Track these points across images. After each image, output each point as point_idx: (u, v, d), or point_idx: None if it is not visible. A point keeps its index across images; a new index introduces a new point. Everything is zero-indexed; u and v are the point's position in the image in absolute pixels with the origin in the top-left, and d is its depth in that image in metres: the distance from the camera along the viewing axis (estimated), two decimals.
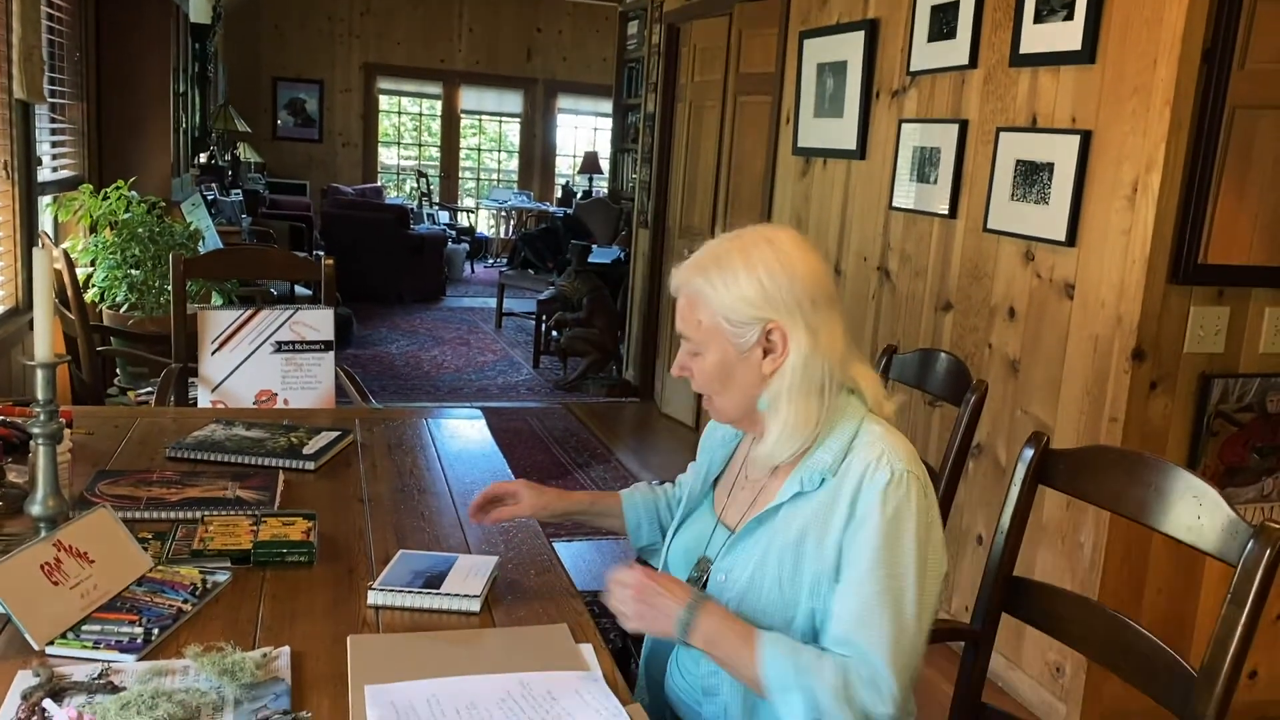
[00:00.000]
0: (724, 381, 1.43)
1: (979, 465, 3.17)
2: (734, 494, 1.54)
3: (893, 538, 1.33)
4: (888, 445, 1.37)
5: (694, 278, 1.42)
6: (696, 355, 1.44)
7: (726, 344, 1.41)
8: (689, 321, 1.43)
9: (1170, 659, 1.37)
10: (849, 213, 3.96)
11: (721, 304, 1.39)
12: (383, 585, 1.52)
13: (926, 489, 1.37)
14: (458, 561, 1.62)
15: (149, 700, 1.17)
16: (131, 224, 3.81)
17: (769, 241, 1.41)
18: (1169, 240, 2.56)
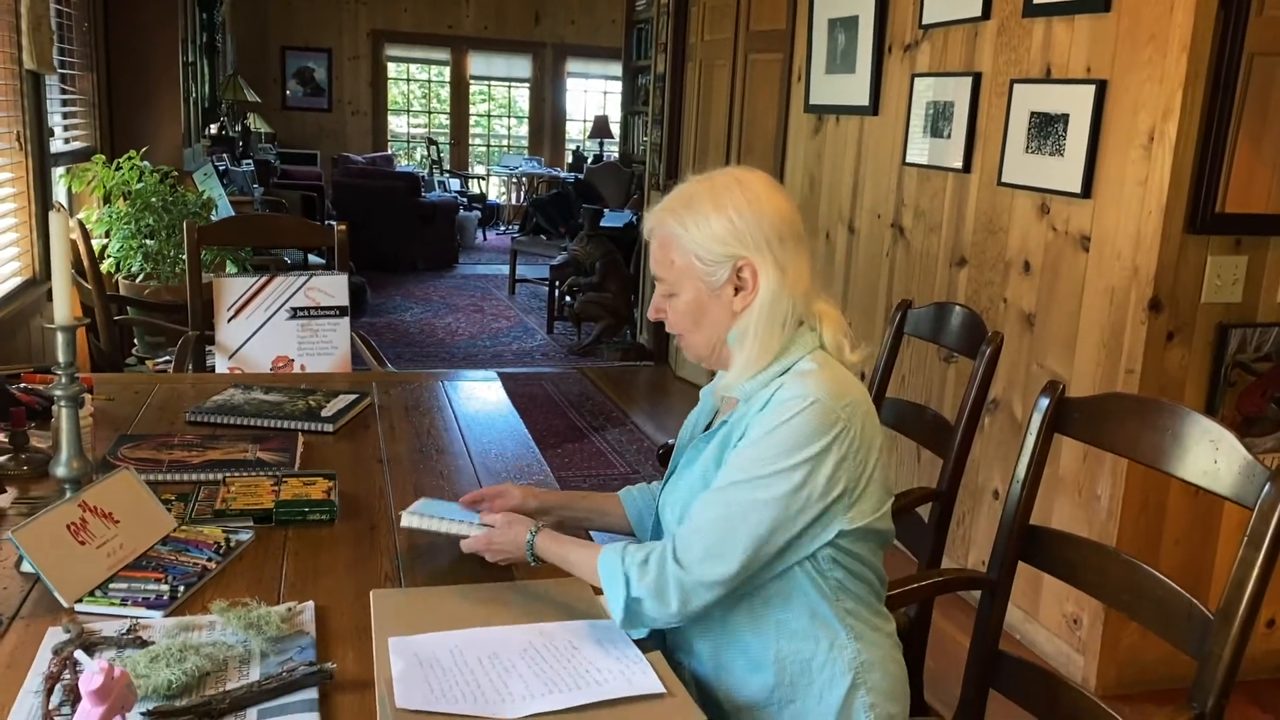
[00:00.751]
0: (696, 320, 1.45)
1: (995, 420, 3.17)
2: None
3: (764, 445, 1.34)
4: (814, 375, 1.37)
5: (666, 219, 1.45)
6: (671, 296, 1.46)
7: (699, 283, 1.43)
8: (662, 263, 1.46)
9: (1186, 602, 1.38)
10: (862, 170, 3.93)
11: (693, 243, 1.41)
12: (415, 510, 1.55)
13: (843, 426, 1.33)
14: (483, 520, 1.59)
15: (177, 653, 1.19)
16: (145, 194, 3.82)
17: (738, 182, 1.44)
18: (1186, 189, 2.54)
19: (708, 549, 1.32)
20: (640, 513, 1.69)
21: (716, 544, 1.32)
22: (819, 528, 1.36)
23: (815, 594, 1.39)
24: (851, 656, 1.40)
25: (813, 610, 1.39)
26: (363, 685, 1.20)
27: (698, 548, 1.33)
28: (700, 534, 1.34)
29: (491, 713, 1.14)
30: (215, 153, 7.35)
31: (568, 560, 1.45)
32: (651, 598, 1.33)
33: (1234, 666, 1.29)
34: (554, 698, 1.18)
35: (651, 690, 1.20)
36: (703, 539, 1.33)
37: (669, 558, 1.34)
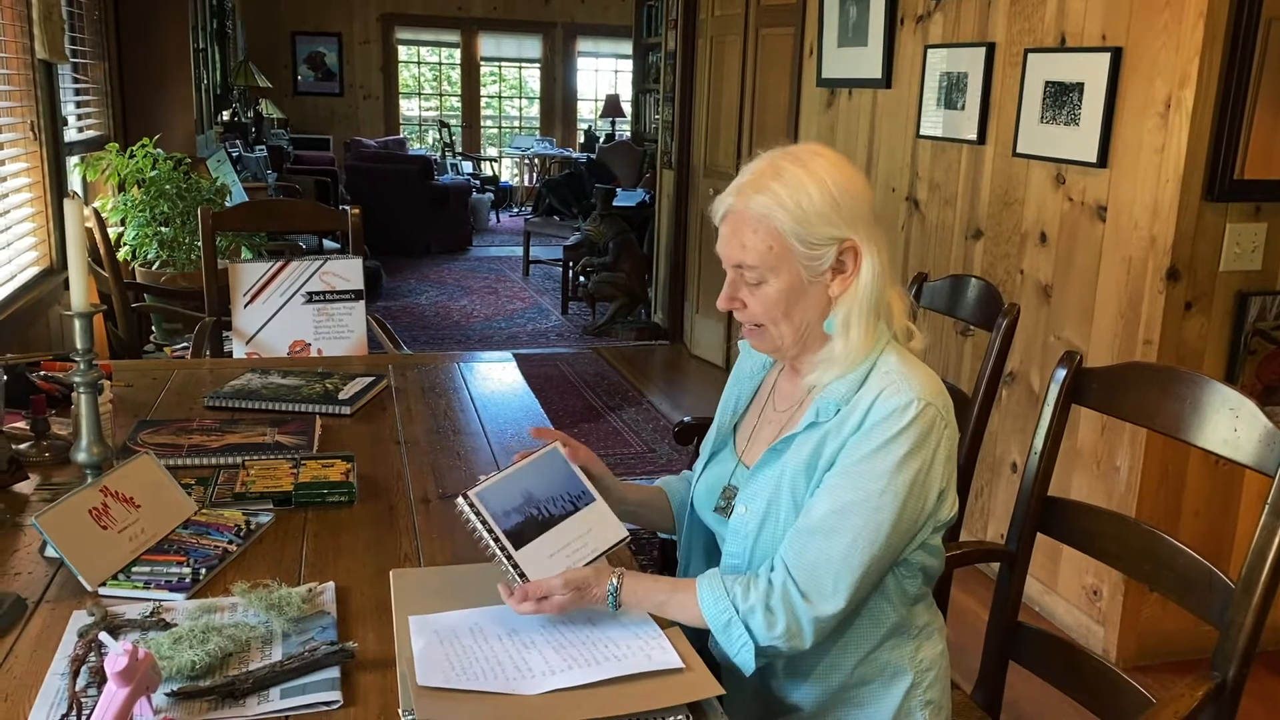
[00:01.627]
0: (788, 310, 1.33)
1: (1012, 393, 3.15)
2: (757, 432, 1.49)
3: (881, 460, 1.26)
4: (905, 374, 1.31)
5: (755, 197, 1.30)
6: (759, 285, 1.32)
7: (798, 269, 1.30)
8: (751, 249, 1.30)
9: (1207, 570, 1.37)
10: (876, 143, 3.90)
11: (795, 224, 1.28)
12: (479, 498, 1.31)
13: (944, 424, 1.30)
14: (584, 511, 1.37)
15: (200, 635, 1.20)
16: (159, 181, 3.83)
17: (819, 154, 1.32)
18: (1204, 157, 2.51)
19: (837, 579, 1.26)
20: (683, 505, 1.59)
21: (844, 571, 1.26)
22: (925, 531, 1.33)
23: (897, 596, 1.37)
24: (912, 654, 1.38)
25: (889, 612, 1.37)
26: (384, 664, 1.21)
27: (826, 581, 1.26)
28: (829, 566, 1.26)
29: (511, 689, 1.15)
30: (228, 139, 7.36)
31: (665, 608, 1.31)
32: (785, 640, 1.26)
33: (1255, 635, 1.29)
34: (573, 673, 1.18)
35: (671, 665, 1.21)
36: (831, 570, 1.26)
37: (795, 595, 1.26)
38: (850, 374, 1.33)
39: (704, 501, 1.51)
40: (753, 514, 1.38)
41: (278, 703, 1.12)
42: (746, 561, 1.38)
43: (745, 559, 1.39)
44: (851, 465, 1.28)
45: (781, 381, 1.49)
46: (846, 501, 1.27)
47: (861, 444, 1.28)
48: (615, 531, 1.38)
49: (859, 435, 1.28)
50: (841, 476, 1.29)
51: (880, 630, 1.36)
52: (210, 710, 1.11)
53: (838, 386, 1.33)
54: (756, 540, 1.37)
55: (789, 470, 1.35)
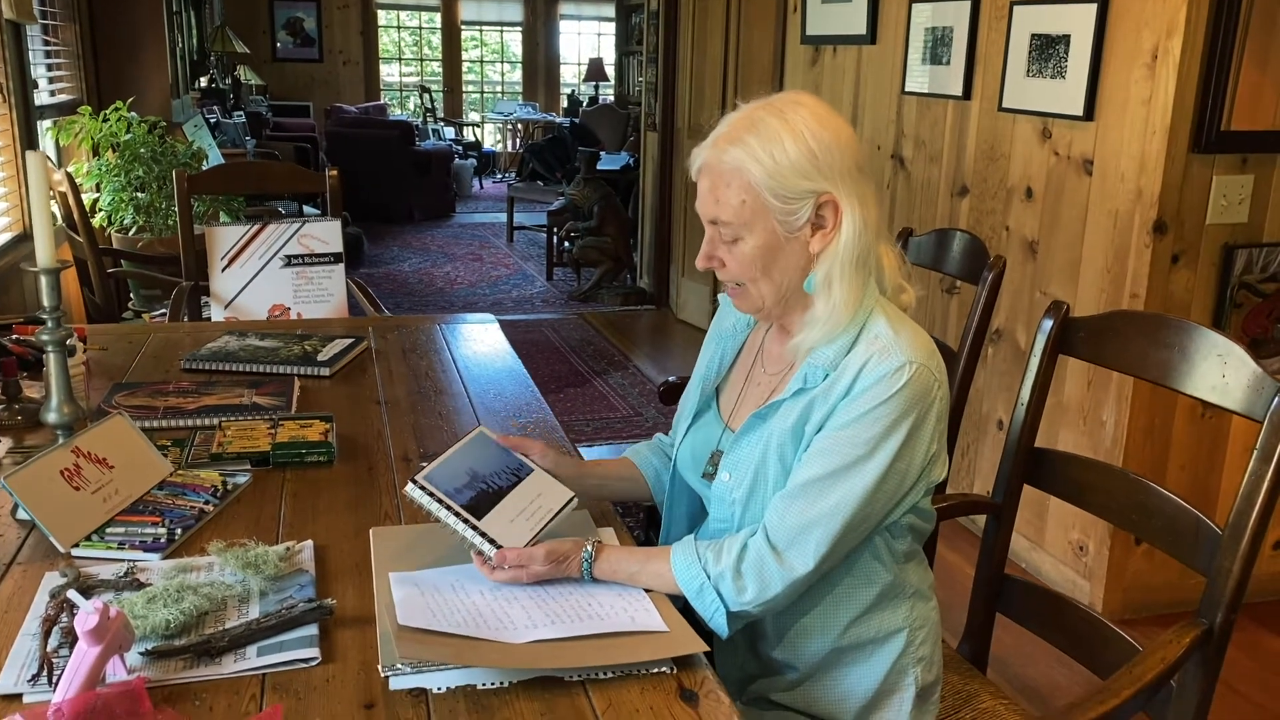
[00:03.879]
0: (766, 267, 1.28)
1: (998, 350, 3.14)
2: (744, 394, 1.44)
3: (869, 425, 1.23)
4: (895, 336, 1.26)
5: (729, 150, 1.25)
6: (735, 242, 1.28)
7: (773, 224, 1.26)
8: (725, 204, 1.26)
9: (1195, 518, 1.36)
10: (861, 100, 3.86)
11: (769, 178, 1.23)
12: (427, 481, 1.30)
13: (937, 384, 1.27)
14: (528, 480, 1.39)
15: (175, 594, 1.18)
16: (133, 145, 3.76)
17: (799, 104, 1.27)
18: (1190, 108, 2.48)
19: (818, 542, 1.23)
20: (658, 472, 1.55)
21: (825, 535, 1.23)
22: (915, 493, 1.31)
23: (887, 557, 1.35)
24: (906, 614, 1.37)
25: (880, 573, 1.35)
26: (363, 621, 1.19)
27: (807, 543, 1.23)
28: (810, 528, 1.24)
29: (494, 637, 1.13)
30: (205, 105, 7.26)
31: (637, 578, 1.29)
32: (756, 605, 1.25)
33: (1243, 581, 1.28)
34: (555, 627, 1.17)
35: (654, 628, 1.19)
36: (812, 533, 1.23)
37: (769, 558, 1.24)
38: (839, 338, 1.29)
39: (689, 465, 1.47)
40: (738, 481, 1.35)
41: (255, 660, 1.10)
42: (735, 527, 1.36)
43: (734, 524, 1.36)
44: (839, 430, 1.25)
45: (770, 342, 1.44)
46: (833, 467, 1.24)
47: (850, 409, 1.25)
48: (563, 493, 1.40)
49: (848, 400, 1.25)
50: (829, 441, 1.26)
51: (873, 590, 1.34)
52: (186, 669, 1.09)
53: (825, 351, 1.29)
54: (746, 507, 1.33)
55: (775, 436, 1.32)
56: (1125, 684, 1.22)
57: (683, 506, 1.52)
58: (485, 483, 1.35)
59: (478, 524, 1.27)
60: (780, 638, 1.36)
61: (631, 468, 1.56)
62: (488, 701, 1.06)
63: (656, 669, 1.11)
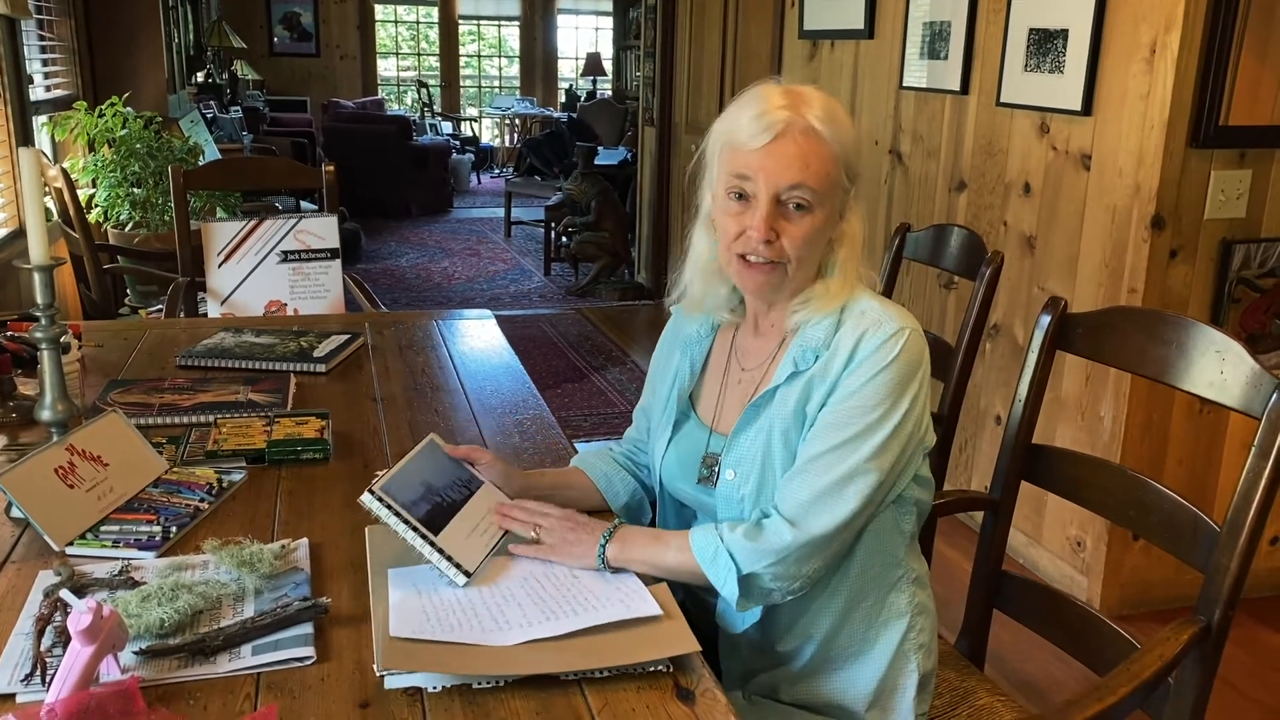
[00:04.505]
0: (816, 246, 1.28)
1: (996, 345, 3.14)
2: (724, 397, 1.42)
3: (877, 390, 1.25)
4: (882, 309, 1.30)
5: (814, 114, 1.23)
6: (804, 212, 1.25)
7: (834, 204, 1.26)
8: (815, 170, 1.23)
9: (1193, 515, 1.36)
10: (859, 96, 3.85)
11: (847, 155, 1.24)
12: (384, 492, 1.26)
13: (926, 350, 1.30)
14: (478, 494, 1.37)
15: (169, 592, 1.17)
16: (129, 140, 3.75)
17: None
18: (1189, 103, 2.48)
19: (831, 505, 1.24)
20: (609, 478, 1.52)
21: (839, 499, 1.24)
22: (915, 460, 1.32)
23: (895, 537, 1.35)
24: (909, 599, 1.37)
25: (888, 554, 1.35)
26: (358, 619, 1.19)
27: (818, 509, 1.24)
28: (821, 498, 1.24)
29: (485, 640, 1.13)
30: (202, 100, 7.24)
31: (653, 563, 1.28)
32: (770, 565, 1.24)
33: (1241, 578, 1.28)
34: (550, 625, 1.16)
35: (649, 613, 1.19)
36: (824, 500, 1.24)
37: (784, 525, 1.24)
38: (824, 318, 1.31)
39: (679, 475, 1.44)
40: (745, 476, 1.34)
41: (249, 659, 1.10)
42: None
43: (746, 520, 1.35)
44: (845, 400, 1.26)
45: (744, 339, 1.43)
46: (842, 438, 1.25)
47: (854, 378, 1.26)
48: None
49: (850, 370, 1.27)
50: (835, 414, 1.27)
51: (880, 573, 1.34)
52: (180, 668, 1.09)
53: (814, 333, 1.31)
54: (757, 500, 1.32)
55: (776, 423, 1.31)
56: (1122, 681, 1.21)
57: (675, 521, 1.50)
58: (439, 495, 1.33)
59: (435, 540, 1.26)
60: (790, 624, 1.35)
61: (580, 476, 1.53)
62: (483, 701, 1.05)
63: (653, 668, 1.11)
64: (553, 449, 1.73)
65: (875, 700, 1.36)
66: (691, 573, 1.28)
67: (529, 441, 1.76)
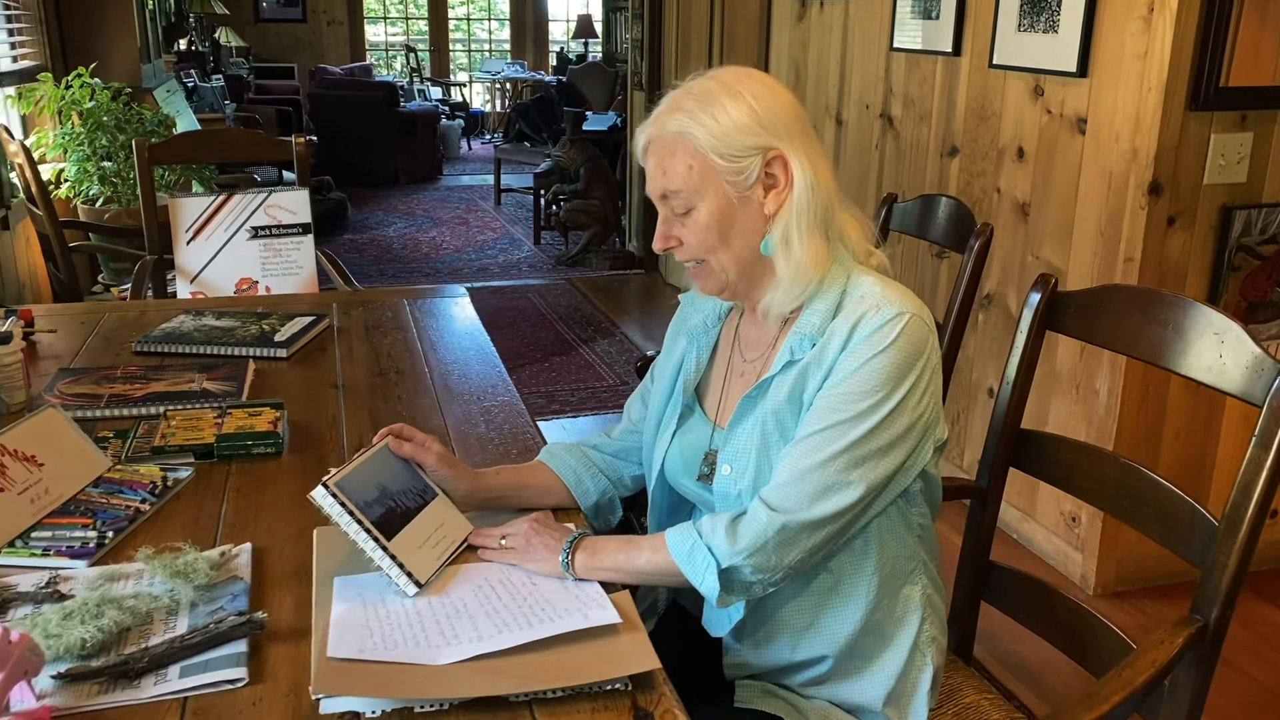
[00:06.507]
0: (724, 234, 1.24)
1: (989, 316, 3.05)
2: (727, 389, 1.37)
3: (872, 375, 1.18)
4: (883, 293, 1.23)
5: (670, 119, 1.24)
6: (688, 213, 1.25)
7: (723, 187, 1.23)
8: (673, 173, 1.24)
9: (1189, 508, 1.28)
10: (849, 57, 3.74)
11: (713, 139, 1.21)
12: (340, 489, 1.19)
13: (932, 336, 1.23)
14: (433, 505, 1.30)
15: (94, 609, 1.09)
16: (96, 113, 3.64)
17: (745, 74, 1.27)
18: (1188, 63, 2.37)
19: (814, 490, 1.17)
20: (578, 475, 1.44)
21: (822, 485, 1.17)
22: (922, 451, 1.24)
23: (904, 530, 1.29)
24: (921, 590, 1.31)
25: (901, 549, 1.29)
26: (298, 634, 1.11)
27: (797, 492, 1.18)
28: (801, 480, 1.18)
29: (429, 659, 1.05)
30: (182, 69, 7.10)
31: (625, 569, 1.22)
32: (749, 556, 1.17)
33: (1240, 575, 1.21)
34: (501, 637, 1.08)
35: (608, 622, 1.11)
36: (805, 484, 1.18)
37: (761, 510, 1.18)
38: (818, 303, 1.25)
39: (681, 472, 1.37)
40: (741, 470, 1.27)
41: (175, 682, 1.02)
42: None
43: None
44: (839, 385, 1.20)
45: (745, 329, 1.37)
46: (832, 420, 1.19)
47: (849, 363, 1.20)
48: (464, 526, 1.32)
49: (845, 355, 1.20)
50: (828, 399, 1.20)
51: (894, 567, 1.28)
52: (101, 693, 1.01)
53: (810, 319, 1.25)
54: (754, 492, 1.24)
55: (771, 414, 1.25)
56: (1114, 689, 1.14)
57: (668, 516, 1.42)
58: (394, 500, 1.25)
59: (388, 545, 1.18)
60: (805, 628, 1.29)
61: (544, 472, 1.44)
62: None
63: (610, 686, 1.04)
64: (520, 439, 1.65)
65: (891, 698, 1.30)
66: (667, 573, 1.22)
67: (495, 431, 1.68)
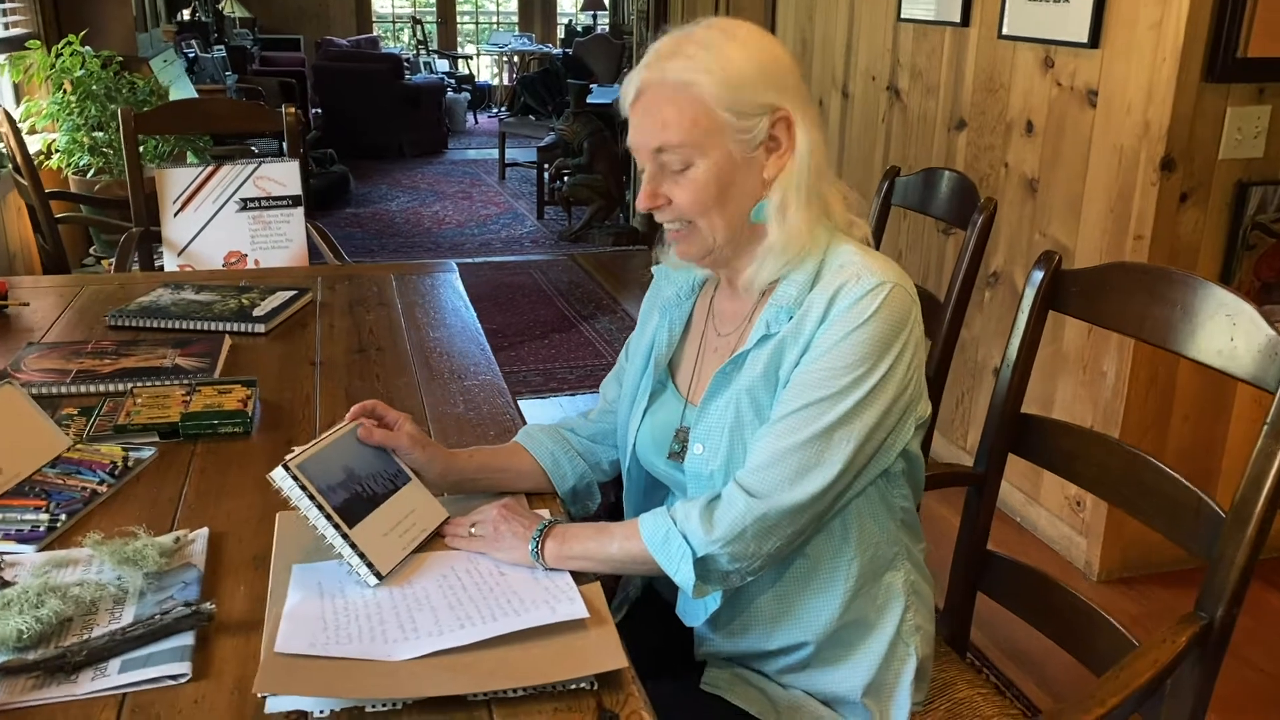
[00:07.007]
0: (720, 196, 1.15)
1: (995, 294, 2.97)
2: (701, 365, 1.30)
3: (853, 348, 1.11)
4: (863, 262, 1.16)
5: (671, 65, 1.13)
6: (685, 170, 1.15)
7: (728, 145, 1.13)
8: (673, 125, 1.12)
9: (1195, 498, 1.21)
10: (855, 27, 3.65)
11: (723, 91, 1.11)
12: (301, 470, 1.12)
13: (915, 307, 1.16)
14: (404, 490, 1.24)
15: (34, 597, 1.04)
16: (86, 82, 3.57)
17: (744, 25, 1.17)
18: (1204, 33, 2.28)
19: (793, 473, 1.11)
20: (556, 459, 1.37)
21: (802, 466, 1.11)
22: (903, 432, 1.18)
23: (884, 513, 1.23)
24: (904, 578, 1.25)
25: (882, 534, 1.23)
26: (249, 626, 1.05)
27: (776, 476, 1.11)
28: (780, 462, 1.11)
29: (383, 655, 0.99)
30: (184, 39, 7.01)
31: (596, 557, 1.15)
32: (726, 544, 1.10)
33: (1248, 571, 1.15)
34: (462, 632, 1.02)
35: (575, 616, 1.05)
36: (784, 466, 1.11)
37: (738, 495, 1.12)
38: (797, 274, 1.18)
39: (652, 450, 1.31)
40: (714, 450, 1.21)
41: (115, 678, 0.97)
42: None
43: None
44: (818, 360, 1.13)
45: (720, 301, 1.30)
46: (812, 398, 1.12)
47: (828, 336, 1.13)
48: (438, 512, 1.25)
49: (824, 327, 1.13)
50: (807, 374, 1.13)
51: (873, 553, 1.22)
52: (35, 688, 0.95)
53: (787, 290, 1.17)
54: (726, 474, 1.18)
55: (745, 391, 1.18)
56: (1111, 691, 1.08)
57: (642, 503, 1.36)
58: (361, 485, 1.19)
59: (349, 532, 1.12)
60: (781, 616, 1.23)
61: (520, 455, 1.37)
62: None
63: (574, 685, 0.98)
64: (498, 420, 1.58)
65: (871, 689, 1.24)
66: (641, 561, 1.16)
67: (474, 411, 1.61)
